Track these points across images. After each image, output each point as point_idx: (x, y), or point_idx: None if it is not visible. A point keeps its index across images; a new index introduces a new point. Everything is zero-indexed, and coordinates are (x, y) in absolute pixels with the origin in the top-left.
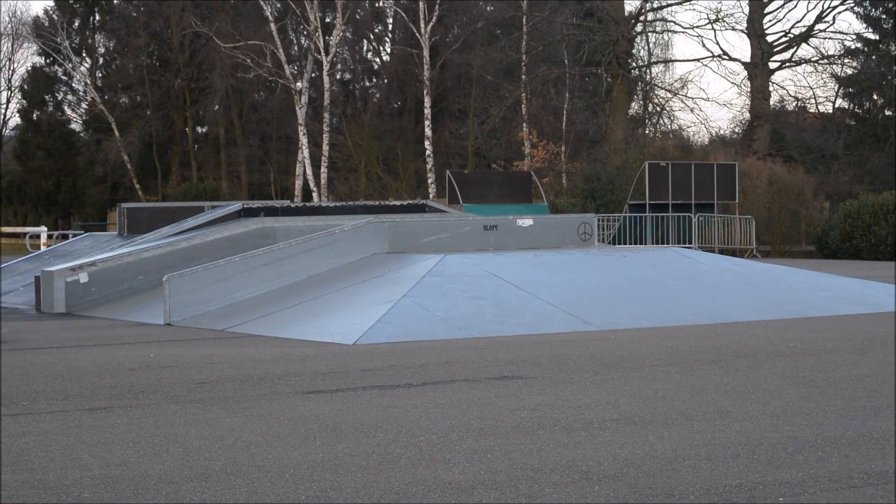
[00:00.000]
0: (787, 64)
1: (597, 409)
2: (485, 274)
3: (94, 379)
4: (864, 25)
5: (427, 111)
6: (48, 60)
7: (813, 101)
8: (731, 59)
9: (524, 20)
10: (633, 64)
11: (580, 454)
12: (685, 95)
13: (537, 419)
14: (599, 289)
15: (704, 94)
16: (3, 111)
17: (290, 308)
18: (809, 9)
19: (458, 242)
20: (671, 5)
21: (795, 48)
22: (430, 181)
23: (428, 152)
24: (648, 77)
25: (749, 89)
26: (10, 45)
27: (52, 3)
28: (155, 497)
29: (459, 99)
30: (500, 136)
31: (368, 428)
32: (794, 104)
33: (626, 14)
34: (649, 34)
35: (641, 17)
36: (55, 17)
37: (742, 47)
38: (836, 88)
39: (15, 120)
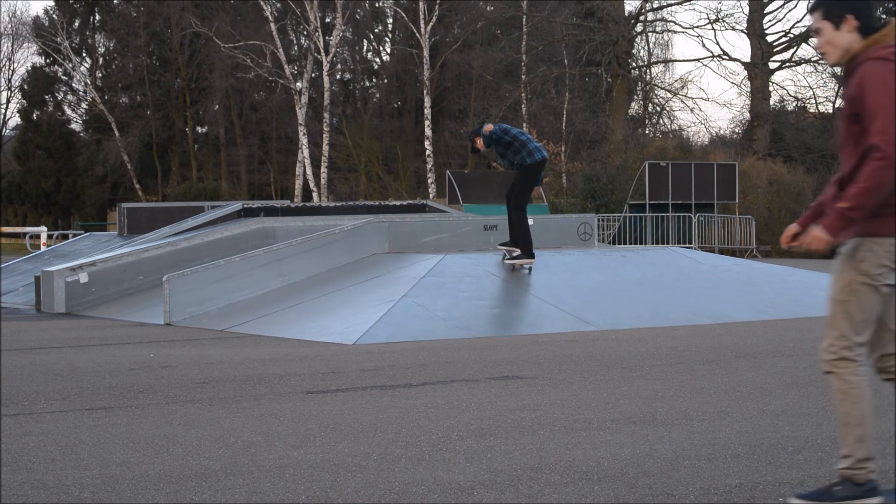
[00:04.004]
0: (787, 64)
1: (597, 409)
2: (485, 274)
3: (94, 379)
4: None
5: (427, 111)
6: (48, 60)
7: (813, 101)
8: (731, 59)
9: (524, 20)
10: (633, 64)
11: (580, 454)
12: (685, 95)
13: (537, 419)
14: (599, 289)
15: (704, 94)
16: (3, 111)
17: (289, 308)
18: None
19: (458, 242)
20: (671, 5)
21: (795, 48)
22: (430, 181)
23: (428, 152)
24: (648, 77)
25: (749, 89)
26: (10, 45)
27: (52, 3)
28: (155, 497)
29: (459, 99)
30: None
31: (368, 428)
32: (794, 104)
33: (626, 14)
34: (649, 34)
35: (641, 17)
36: (55, 17)
37: (742, 47)
38: (836, 88)
39: (15, 120)
